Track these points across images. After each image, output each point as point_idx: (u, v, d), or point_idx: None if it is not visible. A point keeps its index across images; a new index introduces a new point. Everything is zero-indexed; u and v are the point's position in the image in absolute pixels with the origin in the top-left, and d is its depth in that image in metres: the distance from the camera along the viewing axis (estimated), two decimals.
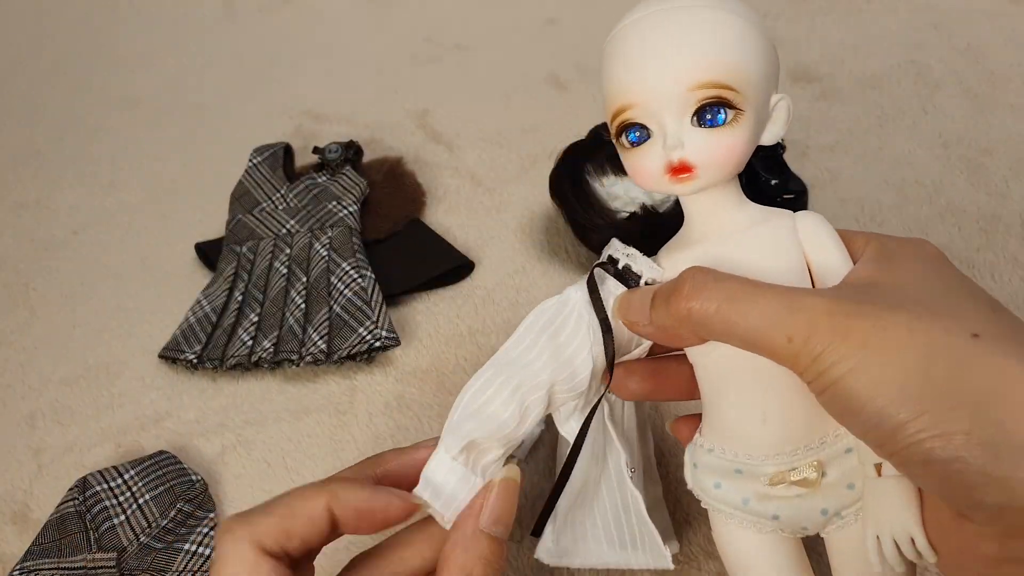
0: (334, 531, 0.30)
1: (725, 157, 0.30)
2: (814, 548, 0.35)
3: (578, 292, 0.33)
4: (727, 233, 0.32)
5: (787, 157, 0.63)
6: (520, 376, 0.32)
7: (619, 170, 0.56)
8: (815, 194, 0.61)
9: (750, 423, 0.31)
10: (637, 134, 0.31)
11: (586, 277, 0.33)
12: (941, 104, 0.69)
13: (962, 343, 0.24)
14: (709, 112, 0.29)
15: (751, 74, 0.29)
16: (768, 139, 0.31)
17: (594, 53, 0.79)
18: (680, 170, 0.30)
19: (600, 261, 0.34)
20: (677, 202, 0.54)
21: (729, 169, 0.31)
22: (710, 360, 0.32)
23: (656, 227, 0.53)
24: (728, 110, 0.29)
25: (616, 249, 0.34)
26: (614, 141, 0.32)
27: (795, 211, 0.32)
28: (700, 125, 0.29)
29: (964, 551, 0.26)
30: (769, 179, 0.60)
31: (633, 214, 0.54)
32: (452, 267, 0.59)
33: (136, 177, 0.74)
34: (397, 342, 0.52)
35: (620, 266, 0.33)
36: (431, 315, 0.57)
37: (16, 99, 0.87)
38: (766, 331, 0.26)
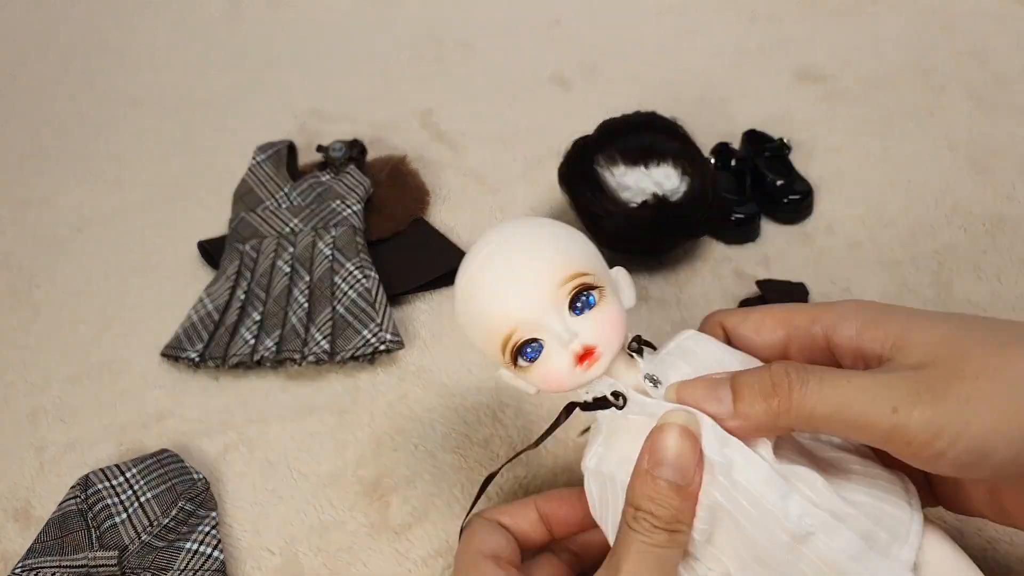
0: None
1: (612, 329, 0.32)
2: None
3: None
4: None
5: (793, 158, 0.63)
6: None
7: (630, 162, 0.56)
8: (820, 195, 0.61)
9: None
10: (530, 348, 0.32)
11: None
12: (947, 106, 0.68)
13: None
14: (580, 299, 0.32)
15: (591, 259, 0.34)
16: (627, 302, 0.34)
17: (599, 53, 0.79)
18: (586, 355, 0.32)
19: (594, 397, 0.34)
20: (688, 191, 0.54)
21: (620, 338, 0.33)
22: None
23: (667, 215, 0.53)
24: (593, 291, 0.32)
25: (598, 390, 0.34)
26: (511, 372, 0.34)
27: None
28: (579, 313, 0.32)
29: None
30: (775, 180, 0.60)
31: (644, 203, 0.54)
32: (456, 267, 0.58)
33: (140, 175, 0.74)
34: (401, 345, 0.52)
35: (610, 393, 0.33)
36: (434, 315, 0.57)
37: (21, 97, 0.87)
38: (868, 410, 0.28)
